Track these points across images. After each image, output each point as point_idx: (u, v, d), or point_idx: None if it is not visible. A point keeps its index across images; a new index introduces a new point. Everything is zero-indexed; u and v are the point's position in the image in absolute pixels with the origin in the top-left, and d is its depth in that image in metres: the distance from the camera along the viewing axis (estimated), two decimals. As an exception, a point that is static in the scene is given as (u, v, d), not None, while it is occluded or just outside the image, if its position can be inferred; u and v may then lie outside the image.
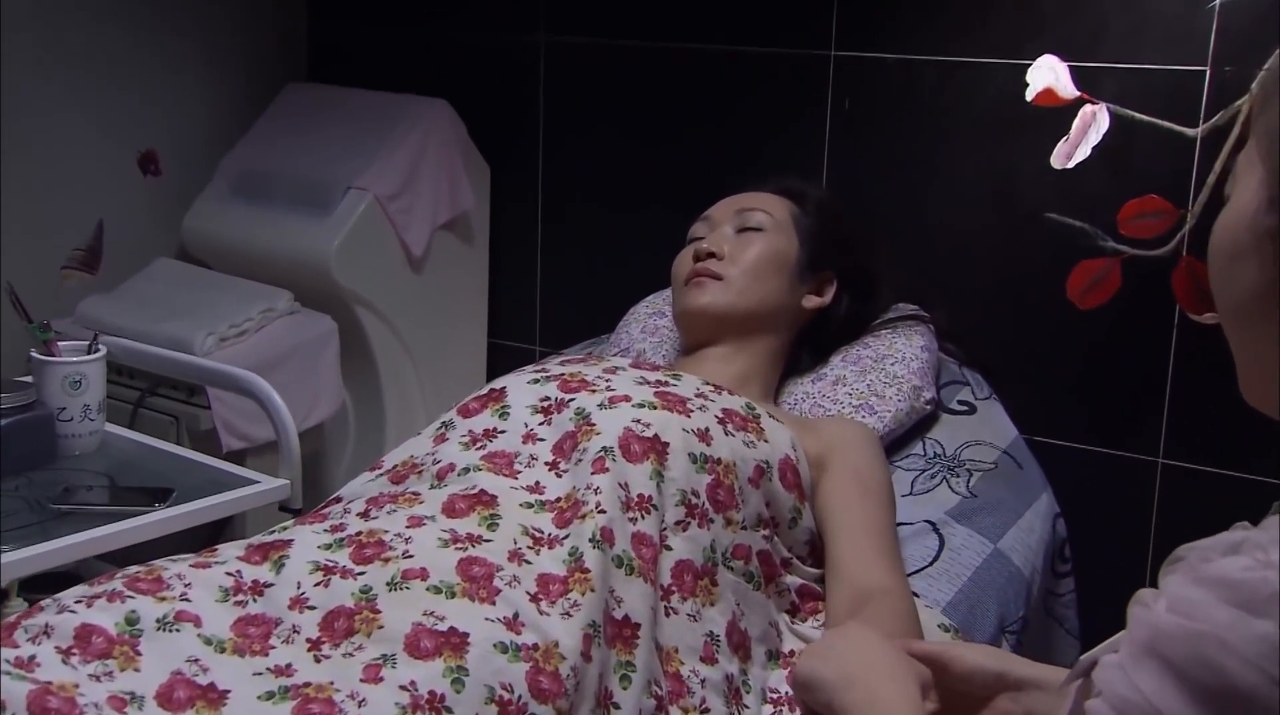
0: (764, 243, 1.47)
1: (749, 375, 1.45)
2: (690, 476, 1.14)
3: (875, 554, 1.17)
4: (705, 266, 1.45)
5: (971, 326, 1.65)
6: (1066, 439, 2.07)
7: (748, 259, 1.46)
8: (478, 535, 1.06)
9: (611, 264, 2.49)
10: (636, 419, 1.16)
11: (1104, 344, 2.03)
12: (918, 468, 1.45)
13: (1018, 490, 1.41)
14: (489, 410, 1.23)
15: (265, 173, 2.47)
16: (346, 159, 2.40)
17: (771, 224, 1.49)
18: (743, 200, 1.53)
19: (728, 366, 1.44)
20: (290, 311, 2.28)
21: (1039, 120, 2.03)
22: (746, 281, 1.44)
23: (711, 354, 1.45)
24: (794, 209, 1.53)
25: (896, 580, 1.16)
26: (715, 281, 1.44)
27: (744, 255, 1.46)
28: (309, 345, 2.27)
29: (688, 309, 1.46)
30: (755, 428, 1.24)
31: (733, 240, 1.48)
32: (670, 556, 1.10)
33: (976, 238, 2.12)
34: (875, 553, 1.17)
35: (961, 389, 1.58)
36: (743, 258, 1.46)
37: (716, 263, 1.46)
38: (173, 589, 0.97)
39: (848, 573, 1.16)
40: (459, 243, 2.53)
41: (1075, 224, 2.03)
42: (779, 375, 1.51)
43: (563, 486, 1.13)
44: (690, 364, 1.46)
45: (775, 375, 1.50)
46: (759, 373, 1.46)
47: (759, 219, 1.49)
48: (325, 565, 1.01)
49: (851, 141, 2.21)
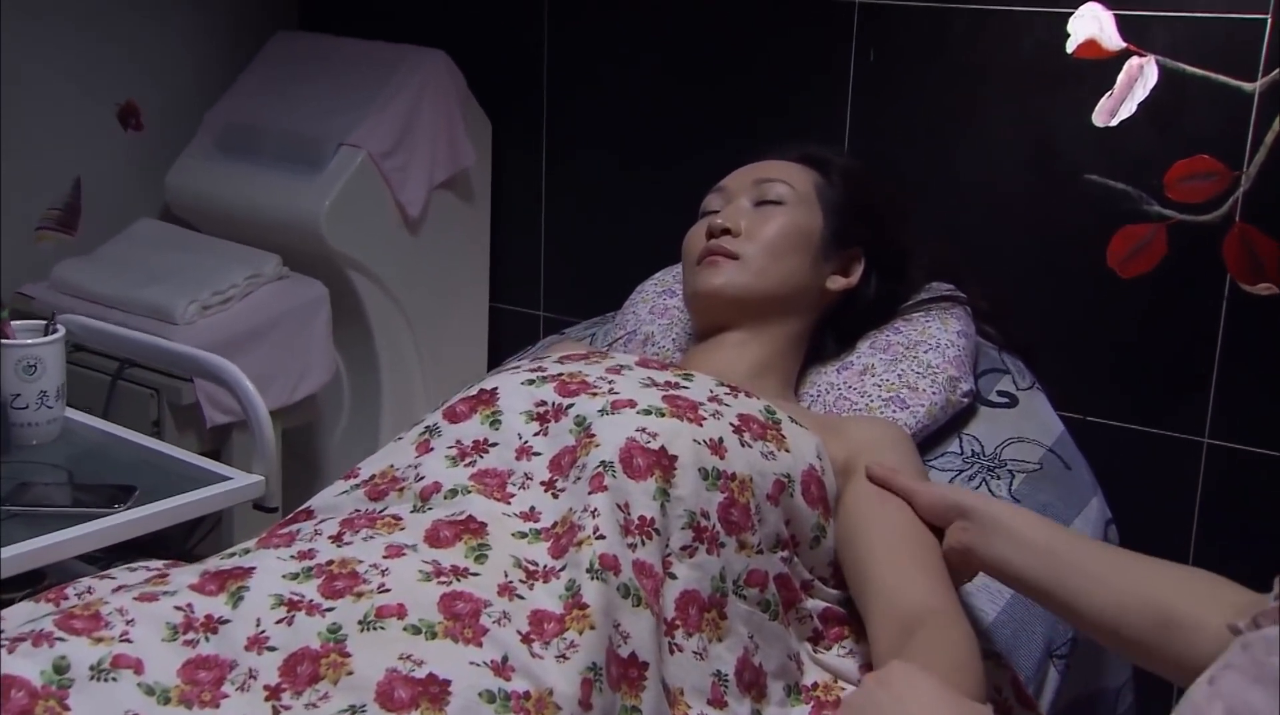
0: (785, 217, 1.34)
1: (767, 365, 1.32)
2: (700, 495, 1.02)
3: (918, 570, 1.04)
4: (720, 244, 1.32)
5: (1005, 297, 1.53)
6: (1105, 416, 1.97)
7: (767, 236, 1.33)
8: (464, 568, 0.94)
9: (620, 223, 2.41)
10: (641, 428, 1.04)
11: (1147, 316, 1.93)
12: (954, 468, 1.32)
13: (1065, 494, 1.28)
14: (479, 415, 1.10)
15: (252, 127, 2.38)
16: (338, 113, 2.32)
17: (793, 197, 1.36)
18: (761, 170, 1.40)
19: (744, 354, 1.31)
20: (278, 276, 2.19)
21: (1080, 74, 1.92)
22: (765, 261, 1.31)
23: (726, 340, 1.32)
24: (818, 179, 1.39)
25: (946, 599, 1.03)
26: (731, 261, 1.31)
27: (763, 232, 1.33)
28: (298, 312, 2.18)
29: (700, 291, 1.33)
30: (776, 435, 1.11)
31: (750, 215, 1.35)
32: (674, 587, 0.98)
33: (1011, 201, 2.01)
34: (918, 569, 1.05)
35: (1001, 378, 1.44)
36: (761, 234, 1.33)
37: (732, 240, 1.33)
38: (112, 627, 0.85)
39: (889, 595, 1.03)
40: (458, 202, 2.45)
41: (1118, 186, 1.92)
42: (800, 363, 1.38)
43: (559, 509, 1.01)
44: (702, 352, 1.33)
45: (796, 364, 1.37)
46: (778, 362, 1.33)
47: (779, 191, 1.36)
48: (290, 599, 0.89)
49: (876, 97, 2.11)
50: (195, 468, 1.36)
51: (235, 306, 2.11)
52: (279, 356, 2.13)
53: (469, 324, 2.55)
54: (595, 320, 1.70)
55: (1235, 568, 1.89)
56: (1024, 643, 1.10)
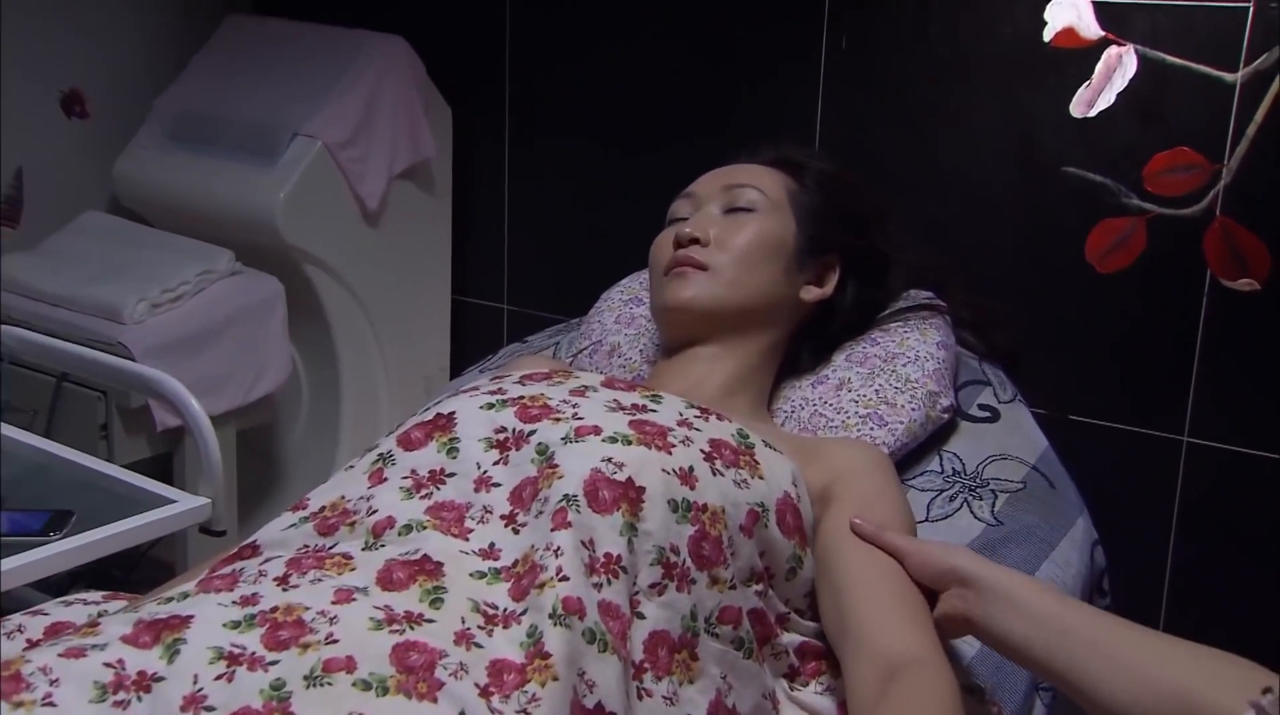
0: (756, 225, 1.27)
1: (740, 380, 1.26)
2: (670, 528, 0.96)
3: (899, 611, 0.98)
4: (688, 254, 1.26)
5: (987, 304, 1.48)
6: (1084, 414, 1.94)
7: (738, 245, 1.26)
8: (418, 614, 0.87)
9: (587, 213, 2.36)
10: (607, 457, 0.97)
11: (1126, 312, 1.90)
12: (934, 488, 1.26)
13: (1051, 515, 1.23)
14: (435, 442, 1.04)
15: (204, 116, 2.32)
16: (294, 102, 2.26)
17: (765, 203, 1.29)
18: (731, 175, 1.33)
19: (715, 370, 1.25)
20: (232, 272, 2.12)
21: (1058, 63, 1.88)
22: (737, 271, 1.25)
23: (697, 355, 1.26)
24: (790, 184, 1.33)
25: (928, 645, 0.96)
26: (700, 272, 1.25)
27: (733, 241, 1.26)
28: (253, 309, 2.12)
29: (668, 304, 1.26)
30: (749, 461, 1.05)
31: (720, 222, 1.28)
32: (642, 627, 0.92)
33: (987, 194, 1.97)
34: (899, 609, 0.98)
35: (982, 390, 1.39)
36: (732, 243, 1.26)
37: (701, 250, 1.26)
38: (35, 689, 0.78)
39: (868, 636, 0.97)
40: (419, 193, 2.40)
41: (1096, 179, 1.88)
42: (773, 377, 1.32)
43: (520, 546, 0.95)
44: (672, 368, 1.27)
45: (769, 378, 1.31)
46: (751, 377, 1.28)
47: (750, 197, 1.29)
48: (230, 652, 0.82)
49: (849, 86, 2.06)
50: (138, 490, 1.28)
51: (187, 304, 2.05)
52: (233, 356, 2.07)
53: (431, 318, 2.50)
54: (559, 327, 1.64)
55: (1214, 569, 1.88)
56: (1008, 676, 1.05)
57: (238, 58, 2.39)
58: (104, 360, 1.49)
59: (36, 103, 2.30)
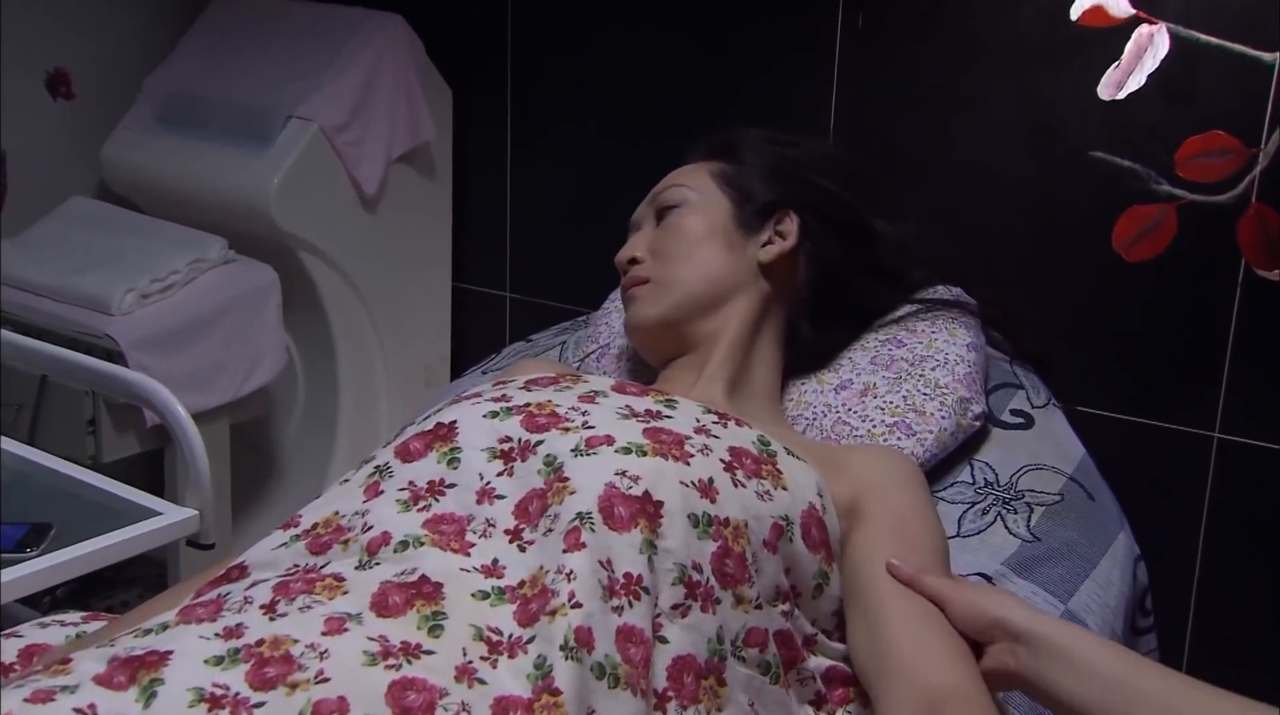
0: (683, 218, 1.26)
1: (739, 371, 1.21)
2: (691, 545, 0.90)
3: (939, 641, 0.93)
4: (631, 275, 1.27)
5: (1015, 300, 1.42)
6: (1110, 409, 1.87)
7: (670, 244, 1.25)
8: (416, 644, 0.81)
9: (591, 199, 2.31)
10: (621, 470, 0.92)
11: (1155, 303, 1.83)
12: (965, 500, 1.19)
13: (1090, 531, 1.16)
14: (435, 453, 0.97)
15: (195, 97, 2.27)
16: (288, 83, 2.21)
17: (690, 195, 1.27)
18: (659, 186, 1.32)
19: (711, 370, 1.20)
20: (224, 261, 2.08)
21: (1084, 43, 1.81)
22: (674, 269, 1.23)
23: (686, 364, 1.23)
24: (718, 166, 1.30)
25: (969, 677, 0.91)
26: (643, 287, 1.25)
27: (663, 244, 1.25)
28: (247, 299, 2.07)
29: (628, 328, 1.27)
30: (771, 471, 0.99)
31: (653, 235, 1.28)
32: (666, 652, 0.86)
33: (1010, 180, 1.91)
34: (938, 639, 0.93)
35: (1014, 394, 1.31)
36: (663, 247, 1.25)
37: (641, 266, 1.26)
38: (-1, 740, 0.72)
39: (906, 666, 0.92)
40: (418, 177, 2.36)
41: (1124, 164, 1.81)
42: (779, 366, 1.27)
43: (527, 564, 0.89)
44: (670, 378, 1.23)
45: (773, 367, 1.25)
46: (751, 366, 1.23)
47: (674, 196, 1.28)
48: (212, 694, 0.75)
49: (865, 67, 1.99)
50: (122, 500, 1.22)
51: (177, 294, 2.00)
52: (226, 348, 2.02)
53: (431, 307, 2.46)
54: (565, 326, 1.57)
55: (1245, 569, 1.82)
56: None
57: (230, 36, 2.34)
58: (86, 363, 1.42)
59: (20, 83, 2.25)
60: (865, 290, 1.34)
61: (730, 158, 1.31)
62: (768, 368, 1.25)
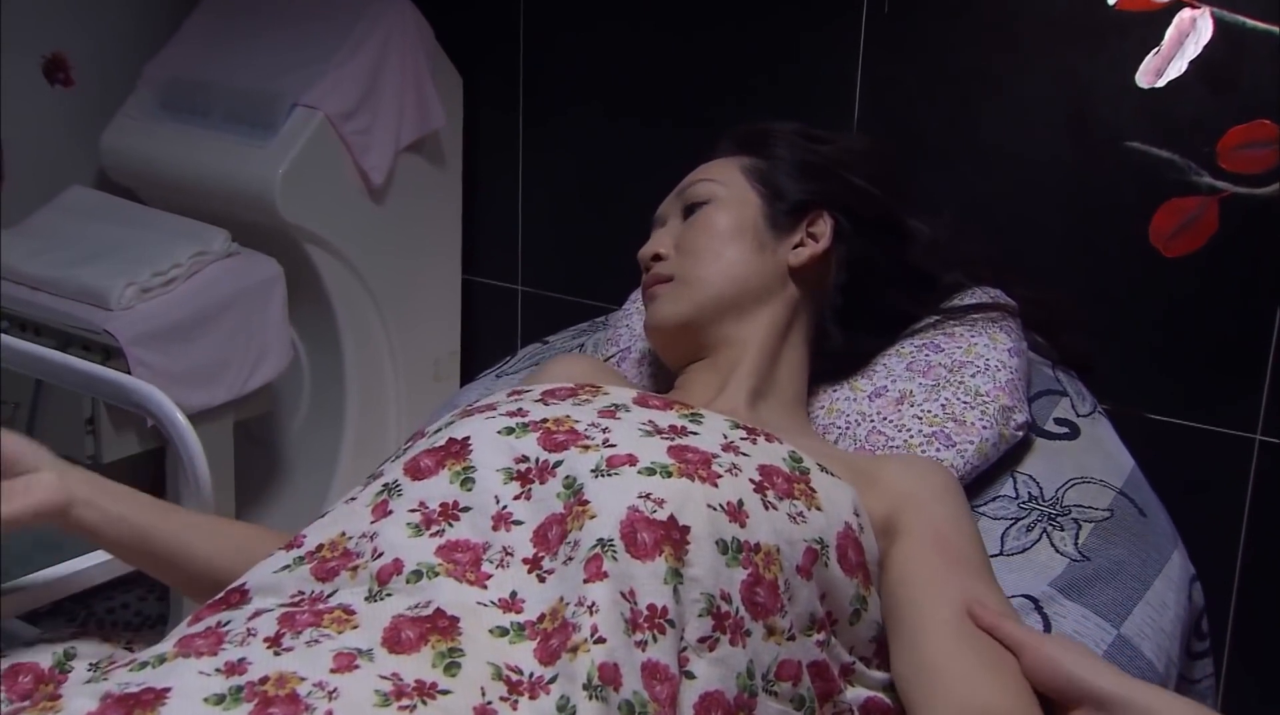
0: (711, 214, 1.21)
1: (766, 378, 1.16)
2: (719, 573, 0.85)
3: (987, 660, 0.89)
4: (654, 273, 1.22)
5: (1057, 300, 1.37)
6: (1146, 409, 1.82)
7: (695, 241, 1.20)
8: (431, 683, 0.76)
9: (606, 188, 2.27)
10: (645, 493, 0.87)
11: (1194, 300, 1.78)
12: (1009, 516, 1.13)
13: (1142, 549, 1.10)
14: (447, 471, 0.92)
15: (197, 84, 2.24)
16: (293, 69, 2.17)
17: (720, 191, 1.22)
18: (686, 179, 1.27)
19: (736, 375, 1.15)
20: (227, 253, 2.04)
21: (1123, 27, 1.75)
22: (700, 267, 1.18)
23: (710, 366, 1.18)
24: (748, 161, 1.25)
25: (1018, 698, 0.87)
26: (666, 285, 1.20)
27: (690, 240, 1.20)
28: (250, 293, 2.03)
29: (647, 329, 1.22)
30: (804, 490, 0.94)
31: (679, 230, 1.23)
32: (693, 688, 0.82)
33: (1042, 170, 1.86)
34: (987, 658, 0.89)
35: (1058, 402, 1.25)
36: (689, 243, 1.20)
37: (664, 263, 1.21)
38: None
39: (954, 691, 0.88)
40: (427, 167, 2.33)
41: (1162, 155, 1.77)
42: (806, 371, 1.22)
43: (547, 596, 0.84)
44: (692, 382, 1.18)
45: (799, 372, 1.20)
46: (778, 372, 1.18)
47: (702, 191, 1.23)
48: (211, 739, 0.70)
49: (891, 49, 1.94)
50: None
51: (179, 288, 1.96)
52: (230, 343, 1.98)
53: (440, 300, 2.43)
54: (583, 327, 1.52)
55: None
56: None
57: (234, 20, 2.31)
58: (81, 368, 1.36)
59: (16, 69, 2.22)
60: (898, 295, 1.30)
61: (761, 152, 1.26)
62: (794, 375, 1.20)
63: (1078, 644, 0.97)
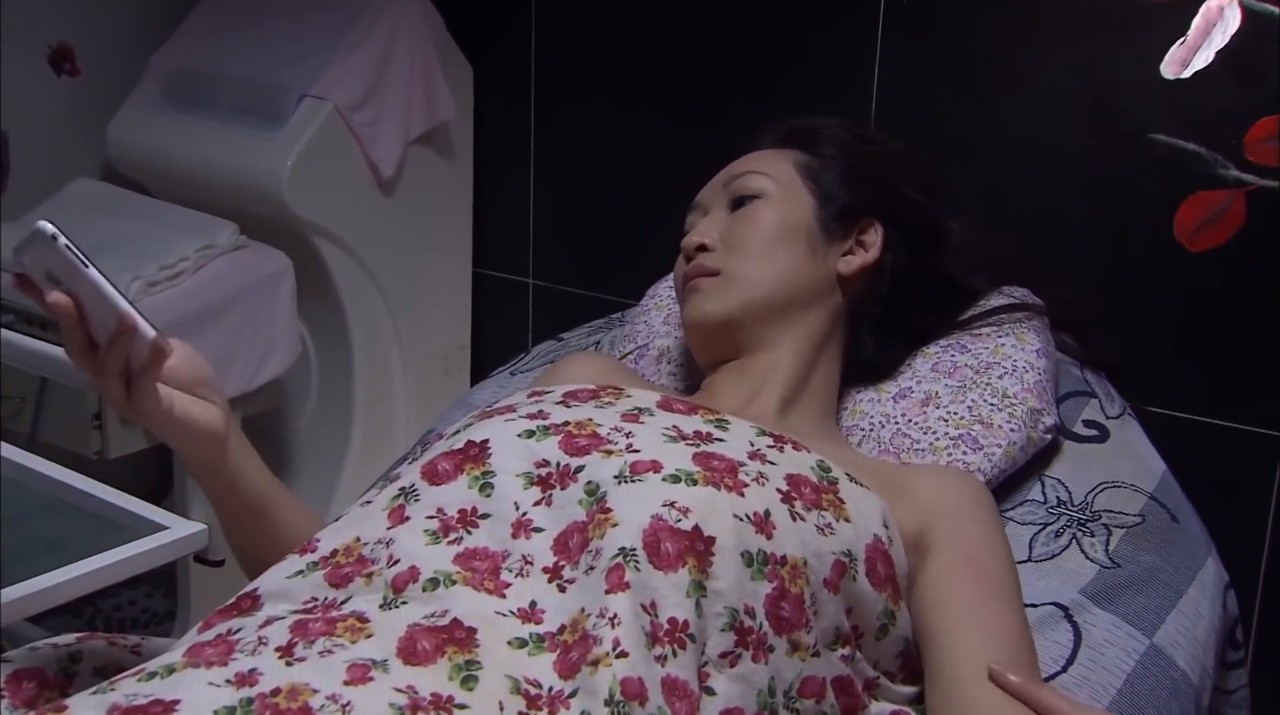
0: (763, 211, 1.16)
1: (799, 385, 1.13)
2: (744, 587, 0.83)
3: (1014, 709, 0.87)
4: (698, 264, 1.16)
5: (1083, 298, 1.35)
6: (1170, 407, 1.79)
7: (746, 237, 1.15)
8: (448, 697, 0.74)
9: (618, 180, 2.26)
10: (670, 501, 0.84)
11: (1218, 294, 1.76)
12: (1037, 521, 1.10)
13: (1175, 556, 1.07)
14: (466, 476, 0.90)
15: (204, 75, 2.23)
16: (301, 59, 2.16)
17: (772, 186, 1.18)
18: (733, 168, 1.22)
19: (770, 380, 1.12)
20: (235, 246, 2.02)
21: (1149, 17, 1.73)
22: (751, 266, 1.13)
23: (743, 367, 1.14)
24: (801, 157, 1.21)
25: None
26: (712, 279, 1.14)
27: (741, 235, 1.15)
28: (258, 287, 2.02)
29: (687, 322, 1.17)
30: (833, 501, 0.91)
31: (726, 222, 1.18)
32: (712, 705, 0.80)
33: (1065, 163, 1.83)
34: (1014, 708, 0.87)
35: (1087, 403, 1.22)
36: (739, 239, 1.15)
37: (710, 255, 1.16)
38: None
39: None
40: (437, 158, 2.32)
41: (1188, 147, 1.74)
42: (838, 380, 1.19)
43: (567, 608, 0.82)
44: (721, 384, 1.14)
45: (832, 381, 1.17)
46: (812, 380, 1.14)
47: (754, 185, 1.18)
48: (221, 751, 0.68)
49: (910, 39, 1.92)
50: (126, 513, 1.14)
51: (186, 282, 1.94)
52: (237, 337, 1.97)
53: (450, 294, 2.42)
54: (599, 323, 1.49)
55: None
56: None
57: (241, 10, 2.30)
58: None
59: (21, 59, 2.20)
60: (936, 305, 1.27)
61: (810, 149, 1.22)
62: (827, 384, 1.17)
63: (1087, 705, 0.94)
